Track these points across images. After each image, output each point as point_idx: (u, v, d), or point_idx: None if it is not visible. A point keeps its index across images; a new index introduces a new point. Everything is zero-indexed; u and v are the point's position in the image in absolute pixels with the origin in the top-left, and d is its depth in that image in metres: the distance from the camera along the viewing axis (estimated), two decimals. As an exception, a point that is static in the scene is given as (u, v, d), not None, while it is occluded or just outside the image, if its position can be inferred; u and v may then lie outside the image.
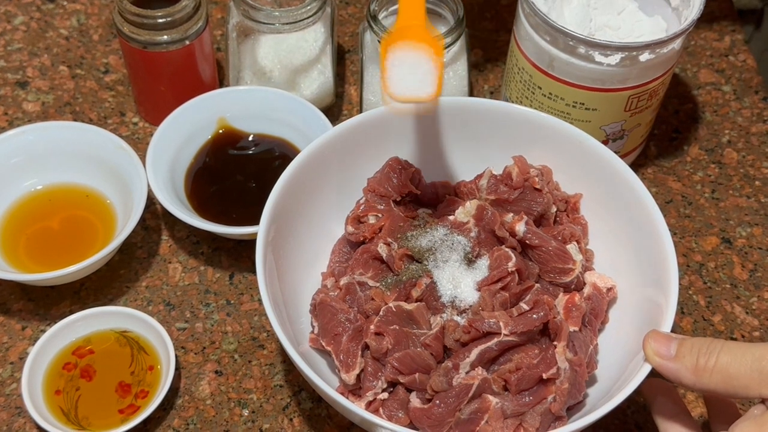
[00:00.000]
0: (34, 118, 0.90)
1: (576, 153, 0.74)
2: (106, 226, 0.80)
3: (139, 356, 0.73)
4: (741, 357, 0.54)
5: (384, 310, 0.65)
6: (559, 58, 0.75)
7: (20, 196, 0.81)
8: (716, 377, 0.55)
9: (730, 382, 0.54)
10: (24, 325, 0.76)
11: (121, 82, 0.93)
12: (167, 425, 0.71)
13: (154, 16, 0.79)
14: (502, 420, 0.63)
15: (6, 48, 0.95)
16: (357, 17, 1.01)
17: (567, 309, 0.67)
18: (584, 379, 0.65)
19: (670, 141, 0.91)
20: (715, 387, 0.55)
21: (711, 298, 0.80)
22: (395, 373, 0.64)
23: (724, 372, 0.54)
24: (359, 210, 0.72)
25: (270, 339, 0.76)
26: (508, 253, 0.67)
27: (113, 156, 0.80)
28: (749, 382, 0.54)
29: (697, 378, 0.56)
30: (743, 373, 0.54)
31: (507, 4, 1.02)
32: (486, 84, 0.95)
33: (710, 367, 0.55)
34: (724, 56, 0.98)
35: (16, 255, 0.78)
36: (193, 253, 0.81)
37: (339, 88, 0.94)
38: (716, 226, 0.85)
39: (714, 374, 0.55)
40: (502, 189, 0.72)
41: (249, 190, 0.82)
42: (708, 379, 0.55)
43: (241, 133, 0.86)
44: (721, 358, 0.55)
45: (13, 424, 0.71)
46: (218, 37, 0.97)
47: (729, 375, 0.54)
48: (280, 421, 0.72)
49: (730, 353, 0.55)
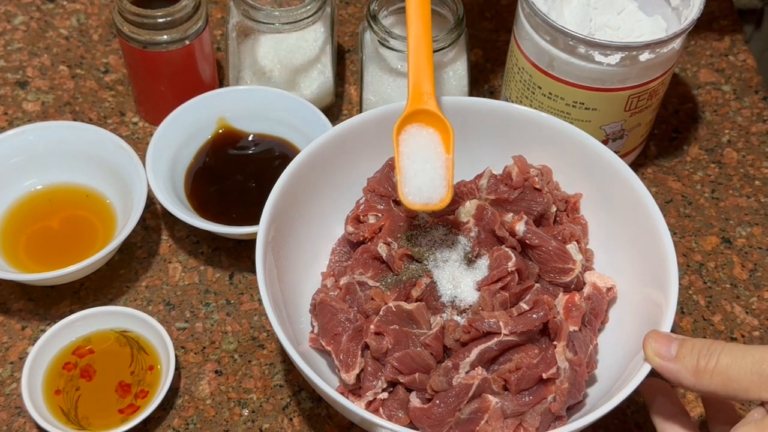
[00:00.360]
0: (34, 117, 0.90)
1: (576, 153, 0.74)
2: (106, 226, 0.80)
3: (139, 356, 0.73)
4: (741, 359, 0.54)
5: (384, 310, 0.65)
6: (559, 58, 0.75)
7: (20, 196, 0.81)
8: (716, 379, 0.55)
9: (731, 385, 0.54)
10: (24, 325, 0.76)
11: (121, 82, 0.93)
12: (167, 425, 0.71)
13: (154, 16, 0.79)
14: (502, 420, 0.63)
15: (6, 48, 0.95)
16: (357, 17, 1.01)
17: (567, 309, 0.67)
18: (584, 378, 0.65)
19: (670, 141, 0.91)
20: (715, 389, 0.55)
21: (711, 298, 0.80)
22: (395, 373, 0.64)
23: (724, 374, 0.54)
24: (359, 210, 0.72)
25: (270, 339, 0.76)
26: (508, 252, 0.67)
27: (113, 156, 0.80)
28: (749, 385, 0.54)
29: (697, 379, 0.56)
30: (743, 375, 0.54)
31: (507, 4, 1.02)
32: (486, 84, 0.95)
33: (710, 369, 0.55)
34: (724, 56, 0.98)
35: (16, 255, 0.78)
36: (193, 252, 0.81)
37: (339, 87, 0.94)
38: (716, 226, 0.85)
39: (714, 376, 0.55)
40: (502, 189, 0.72)
41: (249, 190, 0.82)
42: (708, 381, 0.55)
43: (241, 132, 0.86)
44: (722, 360, 0.55)
45: (13, 423, 0.71)
46: (218, 37, 0.97)
47: (729, 377, 0.54)
48: (280, 421, 0.72)
49: (731, 355, 0.55)
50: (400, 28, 0.84)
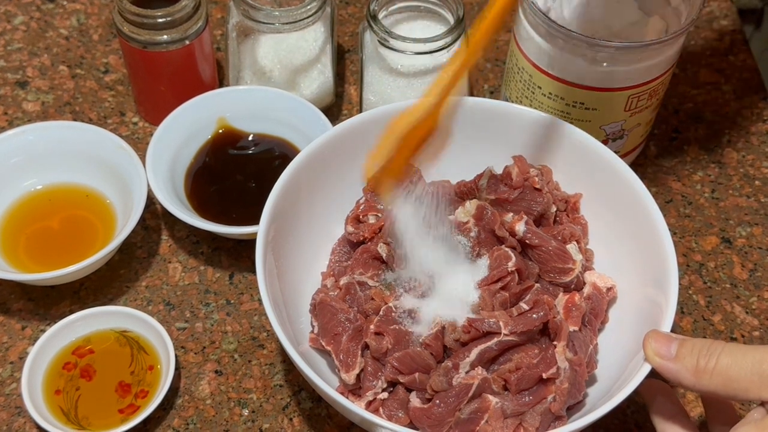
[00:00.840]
0: (33, 117, 0.90)
1: (576, 153, 0.74)
2: (106, 226, 0.80)
3: (139, 356, 0.73)
4: (741, 359, 0.54)
5: (384, 310, 0.65)
6: (559, 58, 0.75)
7: (20, 195, 0.81)
8: (716, 379, 0.55)
9: (730, 385, 0.54)
10: (24, 325, 0.76)
11: (121, 82, 0.93)
12: (167, 425, 0.71)
13: (154, 16, 0.79)
14: (501, 420, 0.63)
15: (6, 48, 0.95)
16: (357, 17, 1.01)
17: (567, 309, 0.67)
18: (584, 378, 0.65)
19: (670, 141, 0.91)
20: (715, 389, 0.55)
21: (711, 298, 0.80)
22: (395, 373, 0.64)
23: (724, 374, 0.54)
24: (359, 210, 0.72)
25: (270, 339, 0.76)
26: (507, 252, 0.67)
27: (113, 156, 0.80)
28: (749, 385, 0.54)
29: (696, 379, 0.56)
30: (743, 376, 0.54)
31: (507, 4, 1.02)
32: (486, 84, 0.95)
33: (710, 369, 0.55)
34: (724, 56, 0.98)
35: (15, 255, 0.78)
36: (192, 252, 0.81)
37: (339, 87, 0.94)
38: (716, 226, 0.85)
39: (714, 376, 0.55)
40: (502, 189, 0.72)
41: (249, 190, 0.82)
42: (708, 381, 0.55)
43: (241, 132, 0.86)
44: (722, 360, 0.55)
45: (12, 423, 0.71)
46: (218, 37, 0.97)
47: (729, 377, 0.54)
48: (280, 421, 0.72)
49: (731, 355, 0.55)
50: (400, 28, 0.84)
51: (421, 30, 0.84)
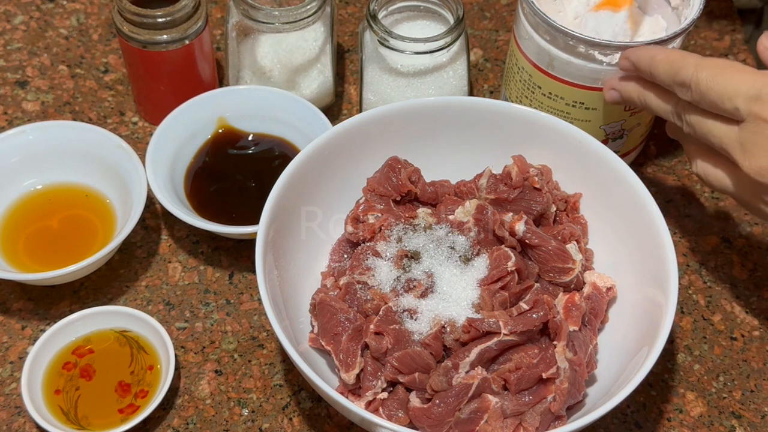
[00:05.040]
0: (33, 117, 0.90)
1: (576, 153, 0.74)
2: (106, 226, 0.80)
3: (138, 356, 0.73)
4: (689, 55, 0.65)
5: (384, 310, 0.65)
6: (559, 58, 0.75)
7: (20, 195, 0.81)
8: (663, 65, 0.66)
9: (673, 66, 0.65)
10: (24, 325, 0.76)
11: (120, 82, 0.93)
12: (167, 425, 0.71)
13: (154, 16, 0.79)
14: (501, 419, 0.63)
15: (6, 47, 0.95)
16: (357, 17, 1.01)
17: (567, 308, 0.67)
18: (584, 378, 0.65)
19: (669, 140, 0.91)
20: (661, 72, 0.66)
21: (711, 298, 0.80)
22: (395, 373, 0.64)
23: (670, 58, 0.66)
24: (359, 210, 0.72)
25: (270, 338, 0.76)
26: (507, 252, 0.67)
27: (113, 155, 0.80)
28: (684, 64, 0.64)
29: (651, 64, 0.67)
30: (682, 57, 0.65)
31: (507, 4, 1.02)
32: (486, 84, 0.95)
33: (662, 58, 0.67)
34: (724, 56, 0.98)
35: (15, 254, 0.78)
36: (192, 252, 0.81)
37: (339, 87, 0.94)
38: (716, 226, 0.85)
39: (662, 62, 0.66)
40: (502, 188, 0.72)
41: (249, 190, 0.82)
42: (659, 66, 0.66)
43: (241, 132, 0.86)
44: (675, 53, 0.66)
45: (12, 423, 0.71)
46: (218, 37, 0.97)
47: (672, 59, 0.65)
48: (280, 421, 0.72)
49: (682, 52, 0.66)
50: (399, 28, 0.84)
51: (421, 30, 0.84)
